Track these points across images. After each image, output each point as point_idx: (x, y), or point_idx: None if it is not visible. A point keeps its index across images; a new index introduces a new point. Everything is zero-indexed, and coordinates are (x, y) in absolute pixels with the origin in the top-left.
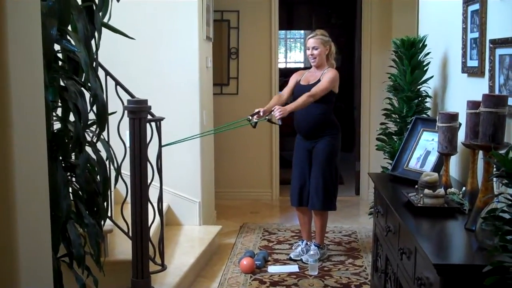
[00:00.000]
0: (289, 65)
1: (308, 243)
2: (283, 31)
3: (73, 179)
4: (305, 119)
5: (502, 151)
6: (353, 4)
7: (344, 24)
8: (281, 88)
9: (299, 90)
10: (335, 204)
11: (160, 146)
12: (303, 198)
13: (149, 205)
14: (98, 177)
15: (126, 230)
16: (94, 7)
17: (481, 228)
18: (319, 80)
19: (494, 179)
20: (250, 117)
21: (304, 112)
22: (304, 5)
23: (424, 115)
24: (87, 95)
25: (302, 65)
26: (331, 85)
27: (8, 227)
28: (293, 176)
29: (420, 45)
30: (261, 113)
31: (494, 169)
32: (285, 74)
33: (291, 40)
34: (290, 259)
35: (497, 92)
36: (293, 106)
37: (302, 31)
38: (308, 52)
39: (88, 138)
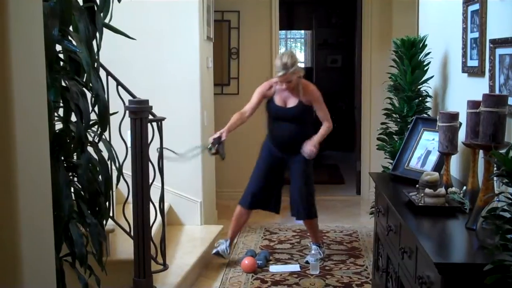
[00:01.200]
0: None
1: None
2: (283, 31)
3: (75, 179)
4: (287, 137)
5: (503, 151)
6: (354, 4)
7: (344, 24)
8: None
9: (278, 111)
10: (316, 210)
11: (161, 146)
12: (257, 202)
13: (151, 205)
14: (100, 177)
15: (128, 230)
16: (96, 8)
17: (482, 227)
18: (300, 102)
19: (495, 178)
20: (211, 145)
21: (286, 130)
22: (304, 5)
23: (425, 115)
24: (89, 95)
25: (303, 65)
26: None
27: (11, 226)
28: (254, 177)
29: (421, 45)
30: (224, 136)
31: (495, 169)
32: None
33: (292, 40)
34: (218, 254)
35: (497, 92)
36: (320, 138)
37: (303, 31)
38: (282, 85)
39: (90, 138)
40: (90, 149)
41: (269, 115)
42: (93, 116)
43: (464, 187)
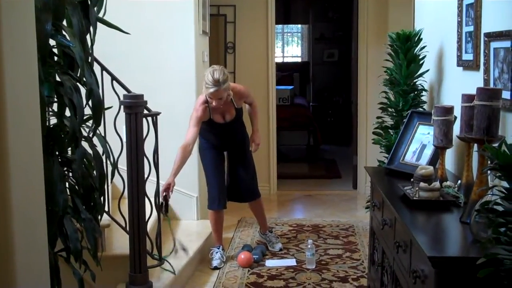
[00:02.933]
0: (286, 59)
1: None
2: (280, 26)
3: (70, 174)
4: (230, 136)
5: (496, 144)
6: None
7: (341, 18)
8: (278, 82)
9: (219, 127)
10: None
11: (157, 141)
12: (225, 199)
13: (146, 199)
14: (94, 172)
15: (124, 225)
16: (89, 2)
17: (476, 221)
18: (236, 110)
19: (489, 171)
20: (163, 201)
21: (227, 131)
22: None
23: (420, 109)
24: (83, 90)
25: (299, 59)
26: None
27: (4, 221)
28: (211, 180)
29: (416, 39)
30: (172, 185)
31: (489, 162)
32: (282, 68)
33: (288, 34)
34: (216, 268)
35: (492, 85)
36: (257, 127)
37: (300, 25)
38: (212, 101)
39: (84, 133)
40: (85, 144)
41: (207, 129)
42: (87, 111)
43: (459, 181)
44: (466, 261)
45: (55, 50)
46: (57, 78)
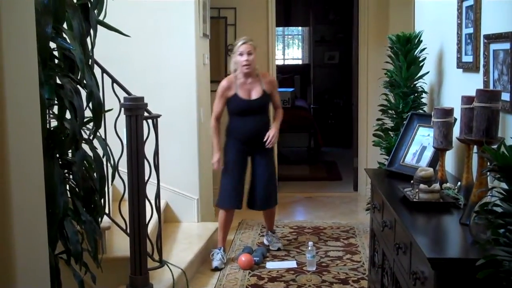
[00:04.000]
0: (287, 62)
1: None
2: (280, 28)
3: (70, 176)
4: (254, 129)
5: (496, 146)
6: (350, 0)
7: (341, 20)
8: (279, 85)
9: (245, 105)
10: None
11: (157, 143)
12: (239, 201)
13: (147, 202)
14: (94, 174)
15: (124, 227)
16: (89, 5)
17: (475, 222)
18: (263, 92)
19: (488, 173)
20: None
21: (252, 122)
22: (301, 2)
23: (420, 111)
24: (83, 92)
25: (300, 62)
26: None
27: (5, 224)
28: (229, 178)
29: (416, 40)
30: (220, 159)
31: (488, 164)
32: (283, 70)
33: (289, 36)
34: (216, 269)
35: (491, 87)
36: (279, 125)
37: (300, 28)
38: (242, 58)
39: (85, 136)
40: (85, 146)
41: (232, 112)
42: (88, 113)
43: (459, 183)
44: (465, 262)
45: (55, 53)
46: (58, 81)
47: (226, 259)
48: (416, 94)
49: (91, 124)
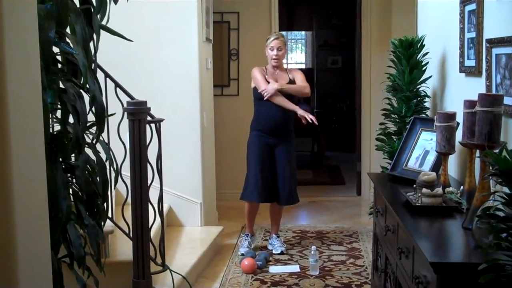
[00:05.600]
0: (290, 66)
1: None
2: (283, 32)
3: (73, 180)
4: (278, 119)
5: (498, 150)
6: (353, 4)
7: (345, 24)
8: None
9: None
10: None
11: (160, 147)
12: (265, 194)
13: (150, 206)
14: (97, 178)
15: (127, 231)
16: (92, 10)
17: (477, 227)
18: (290, 81)
19: (490, 177)
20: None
21: (277, 110)
22: (304, 6)
23: (423, 115)
24: (86, 97)
25: (303, 66)
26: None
27: (7, 228)
28: (255, 171)
29: (418, 45)
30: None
31: (490, 168)
32: None
33: (292, 41)
34: (243, 255)
35: (494, 92)
36: (289, 88)
37: (303, 32)
38: (272, 52)
39: (88, 140)
40: (88, 150)
41: (260, 97)
42: (91, 118)
43: (462, 187)
44: (468, 267)
45: (58, 58)
46: (61, 85)
47: (253, 245)
48: (418, 98)
49: (94, 128)
